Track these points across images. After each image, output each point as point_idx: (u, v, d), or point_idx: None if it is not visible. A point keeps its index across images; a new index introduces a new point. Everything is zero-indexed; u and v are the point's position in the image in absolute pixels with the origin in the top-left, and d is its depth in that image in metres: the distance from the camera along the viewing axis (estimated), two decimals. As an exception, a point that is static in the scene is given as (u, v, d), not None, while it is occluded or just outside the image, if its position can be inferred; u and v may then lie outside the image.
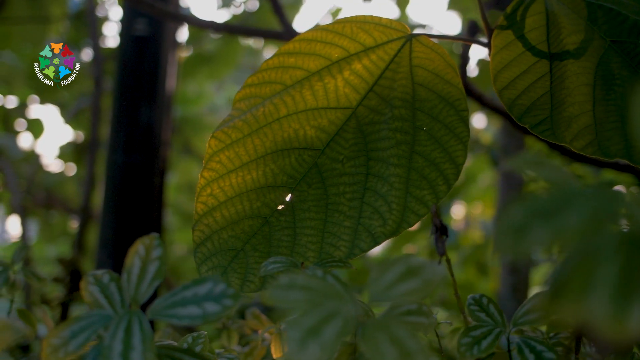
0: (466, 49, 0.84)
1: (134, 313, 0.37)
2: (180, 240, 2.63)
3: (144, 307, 0.38)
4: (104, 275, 0.41)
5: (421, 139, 0.55)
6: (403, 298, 0.33)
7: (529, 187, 2.02)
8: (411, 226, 0.52)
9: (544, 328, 0.57)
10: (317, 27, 0.58)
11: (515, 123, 0.93)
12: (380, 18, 0.58)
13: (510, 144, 1.80)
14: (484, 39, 0.68)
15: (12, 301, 0.72)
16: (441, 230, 0.45)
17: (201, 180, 0.55)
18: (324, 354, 0.30)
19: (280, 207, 0.55)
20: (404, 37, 0.57)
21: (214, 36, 2.32)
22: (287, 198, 0.55)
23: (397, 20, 0.58)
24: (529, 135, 1.03)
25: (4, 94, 2.16)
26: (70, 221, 2.40)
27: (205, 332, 0.51)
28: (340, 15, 2.66)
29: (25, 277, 0.71)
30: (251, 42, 2.70)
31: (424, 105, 0.55)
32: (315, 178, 0.55)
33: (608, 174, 1.30)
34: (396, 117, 0.55)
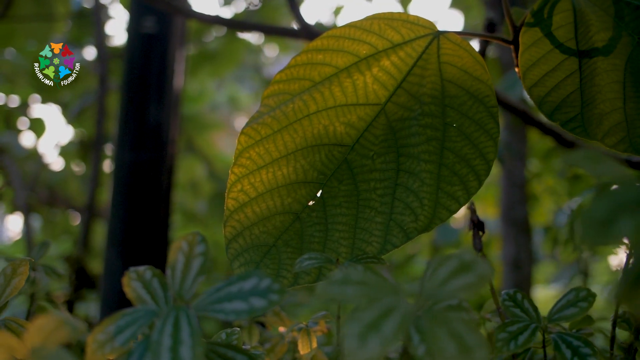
0: (483, 47, 0.84)
1: (180, 308, 0.37)
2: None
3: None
4: (146, 271, 0.41)
5: (451, 135, 0.55)
6: (457, 293, 0.33)
7: (532, 184, 2.02)
8: (443, 222, 0.52)
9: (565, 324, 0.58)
10: (345, 24, 0.58)
11: (526, 120, 0.93)
12: (407, 15, 0.58)
13: (513, 141, 1.80)
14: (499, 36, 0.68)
15: (32, 298, 0.71)
16: (478, 226, 0.45)
17: (231, 177, 0.55)
18: (384, 348, 0.30)
19: (311, 203, 0.55)
20: (432, 34, 0.57)
21: (217, 34, 2.31)
22: (318, 194, 0.55)
23: (425, 18, 0.58)
24: (538, 133, 1.03)
25: (7, 93, 2.15)
26: (73, 219, 2.39)
27: (239, 329, 0.51)
28: (342, 14, 2.66)
29: (45, 274, 0.71)
30: (253, 39, 2.69)
31: (454, 102, 0.55)
32: (346, 174, 0.55)
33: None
34: (426, 114, 0.55)
